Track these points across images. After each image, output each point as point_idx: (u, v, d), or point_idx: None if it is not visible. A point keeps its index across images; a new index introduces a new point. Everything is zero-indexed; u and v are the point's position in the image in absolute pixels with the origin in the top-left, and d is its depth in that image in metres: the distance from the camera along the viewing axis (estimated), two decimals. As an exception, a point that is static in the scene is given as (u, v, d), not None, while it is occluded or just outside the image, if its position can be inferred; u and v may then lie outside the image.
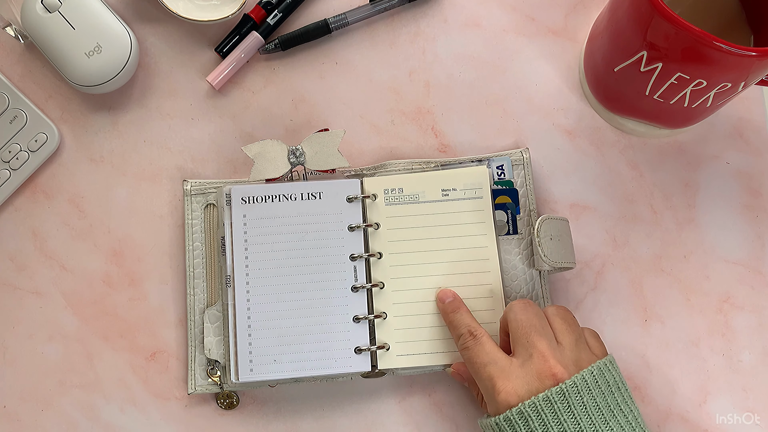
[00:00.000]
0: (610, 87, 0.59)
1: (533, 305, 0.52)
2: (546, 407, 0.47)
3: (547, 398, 0.47)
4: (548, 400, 0.47)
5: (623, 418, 0.48)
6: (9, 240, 0.61)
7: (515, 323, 0.51)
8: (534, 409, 0.47)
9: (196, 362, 0.58)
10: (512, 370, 0.49)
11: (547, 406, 0.47)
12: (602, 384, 0.49)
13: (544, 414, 0.47)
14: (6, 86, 0.61)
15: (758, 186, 0.62)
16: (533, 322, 0.51)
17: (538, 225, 0.55)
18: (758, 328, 0.60)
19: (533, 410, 0.47)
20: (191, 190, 0.60)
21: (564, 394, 0.47)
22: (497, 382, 0.49)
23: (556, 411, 0.47)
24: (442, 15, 0.64)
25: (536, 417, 0.47)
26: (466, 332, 0.53)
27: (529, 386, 0.48)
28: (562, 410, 0.47)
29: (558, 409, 0.47)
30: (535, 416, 0.47)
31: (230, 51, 0.62)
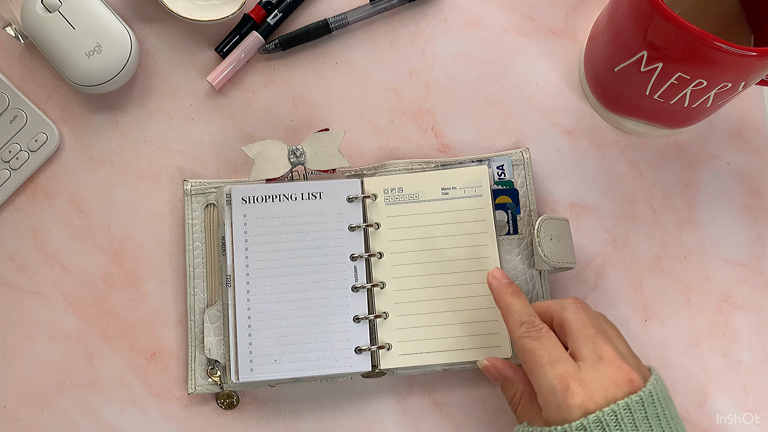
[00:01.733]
0: (610, 87, 0.59)
1: (589, 306, 0.49)
2: (626, 416, 0.43)
3: (627, 406, 0.43)
4: (628, 409, 0.43)
5: (682, 429, 0.46)
6: (9, 240, 0.61)
7: (578, 323, 0.47)
8: (613, 418, 0.43)
9: (196, 362, 0.58)
10: (586, 373, 0.45)
11: (627, 415, 0.43)
12: (666, 394, 0.46)
13: (623, 423, 0.43)
14: (6, 86, 0.61)
15: (758, 186, 0.62)
16: (598, 324, 0.48)
17: (539, 225, 0.55)
18: (758, 328, 0.60)
19: (612, 419, 0.43)
20: (191, 190, 0.60)
21: (642, 402, 0.44)
22: (572, 384, 0.44)
23: (635, 420, 0.43)
24: (442, 15, 0.64)
25: (614, 426, 0.43)
26: (530, 321, 0.48)
27: (606, 392, 0.44)
28: (639, 420, 0.43)
29: (636, 419, 0.43)
30: (613, 425, 0.43)
31: (230, 51, 0.62)
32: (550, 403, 0.45)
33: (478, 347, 0.56)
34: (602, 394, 0.44)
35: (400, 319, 0.57)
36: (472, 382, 0.59)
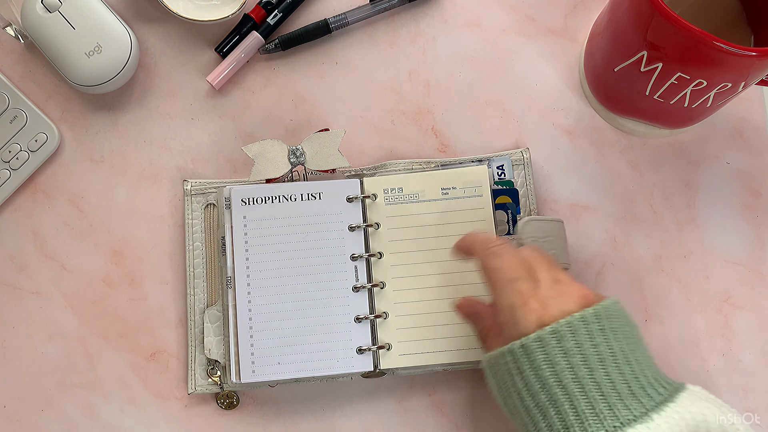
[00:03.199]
0: (610, 87, 0.59)
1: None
2: (581, 327, 0.44)
3: (583, 318, 0.44)
4: (584, 320, 0.44)
5: (643, 350, 0.46)
6: (9, 240, 0.61)
7: (531, 255, 0.49)
8: (569, 329, 0.44)
9: (196, 362, 0.58)
10: (544, 291, 0.46)
11: (582, 327, 0.44)
12: (623, 316, 0.47)
13: (578, 334, 0.44)
14: (6, 86, 0.61)
15: (758, 186, 0.62)
16: (546, 256, 0.49)
17: (521, 227, 0.54)
18: (758, 328, 0.60)
19: (568, 330, 0.44)
20: (191, 190, 0.60)
21: (598, 316, 0.45)
22: (530, 300, 0.46)
23: (591, 332, 0.44)
24: (442, 15, 0.64)
25: (570, 337, 0.44)
26: (492, 238, 0.50)
27: (562, 306, 0.45)
28: (595, 332, 0.44)
29: (592, 331, 0.44)
30: (569, 336, 0.44)
31: (230, 51, 0.62)
32: (508, 320, 0.46)
33: (477, 347, 0.56)
34: (558, 308, 0.45)
35: (399, 320, 0.57)
36: (472, 382, 0.59)
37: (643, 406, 0.43)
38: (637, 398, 0.44)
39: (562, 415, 0.44)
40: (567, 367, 0.44)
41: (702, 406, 0.44)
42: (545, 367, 0.44)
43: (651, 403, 0.43)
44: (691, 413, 0.43)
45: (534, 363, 0.44)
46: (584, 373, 0.44)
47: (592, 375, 0.44)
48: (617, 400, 0.43)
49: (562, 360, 0.44)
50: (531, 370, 0.45)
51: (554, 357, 0.44)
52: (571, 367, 0.44)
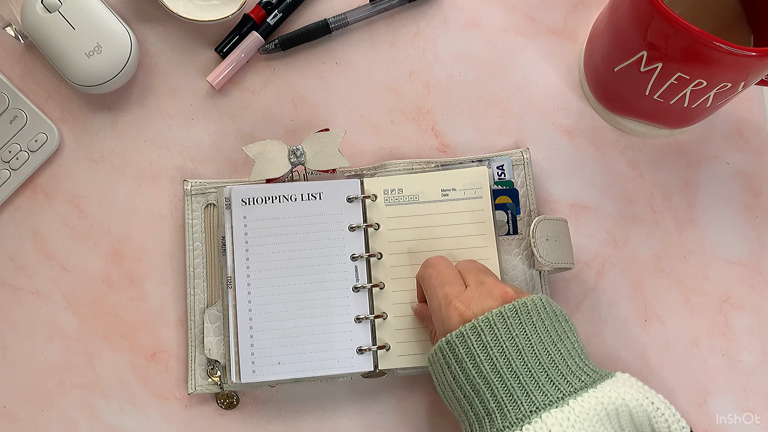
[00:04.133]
0: (610, 87, 0.59)
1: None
2: (499, 322, 0.47)
3: (501, 314, 0.47)
4: (501, 316, 0.47)
5: (569, 343, 0.48)
6: (9, 240, 0.61)
7: (464, 265, 0.53)
8: (487, 324, 0.47)
9: (196, 362, 0.58)
10: (469, 292, 0.49)
11: (500, 321, 0.47)
12: (549, 311, 0.49)
13: (497, 328, 0.46)
14: (6, 86, 0.61)
15: (758, 186, 0.62)
16: (486, 268, 0.53)
17: (534, 226, 0.55)
18: (758, 328, 0.60)
19: (486, 324, 0.47)
20: (191, 190, 0.60)
21: (516, 311, 0.47)
22: (454, 300, 0.49)
23: (509, 326, 0.47)
24: (442, 15, 0.64)
25: (489, 331, 0.46)
26: (432, 257, 0.53)
27: (482, 304, 0.48)
28: (514, 326, 0.47)
29: (510, 325, 0.47)
30: (487, 330, 0.46)
31: (230, 51, 0.62)
32: (437, 320, 0.50)
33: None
34: (479, 306, 0.48)
35: (399, 320, 0.57)
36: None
37: (561, 391, 0.45)
38: (556, 385, 0.45)
39: (484, 403, 0.46)
40: (486, 359, 0.46)
41: (623, 391, 0.44)
42: (467, 359, 0.47)
43: (569, 389, 0.45)
44: (610, 398, 0.44)
45: (458, 357, 0.47)
46: (502, 363, 0.46)
47: (510, 365, 0.46)
48: (534, 387, 0.45)
49: (482, 353, 0.46)
50: (456, 363, 0.47)
51: (474, 350, 0.46)
52: (490, 359, 0.46)
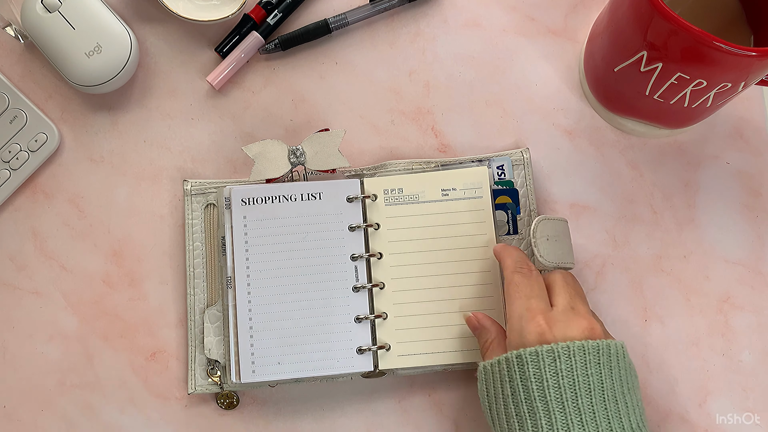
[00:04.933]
0: (610, 87, 0.59)
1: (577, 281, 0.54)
2: (578, 355, 0.46)
3: (582, 348, 0.46)
4: (582, 350, 0.46)
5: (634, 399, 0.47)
6: (9, 240, 0.61)
7: (565, 281, 0.51)
8: (566, 353, 0.46)
9: (196, 362, 0.58)
10: (556, 314, 0.48)
11: (580, 355, 0.46)
12: (626, 361, 0.48)
13: (574, 361, 0.46)
14: (6, 86, 0.61)
15: (758, 186, 0.62)
16: (582, 292, 0.52)
17: (534, 226, 0.55)
18: (758, 328, 0.60)
19: (565, 353, 0.46)
20: (191, 190, 0.60)
21: (598, 350, 0.46)
22: (538, 316, 0.48)
23: (587, 363, 0.46)
24: (442, 15, 0.64)
25: (565, 361, 0.46)
26: (524, 261, 0.52)
27: (566, 331, 0.47)
28: (591, 364, 0.46)
29: (589, 362, 0.46)
30: (564, 360, 0.46)
31: (230, 51, 0.62)
32: (514, 328, 0.49)
33: (476, 348, 0.56)
34: (563, 332, 0.47)
35: (399, 320, 0.57)
36: (472, 382, 0.59)
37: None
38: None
39: (537, 428, 0.45)
40: (554, 387, 0.46)
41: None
42: (534, 380, 0.46)
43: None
44: None
45: (524, 374, 0.46)
46: (569, 396, 0.45)
47: (576, 401, 0.45)
48: (593, 430, 0.45)
49: (551, 379, 0.46)
50: (521, 380, 0.46)
51: (545, 374, 0.46)
52: (558, 388, 0.45)
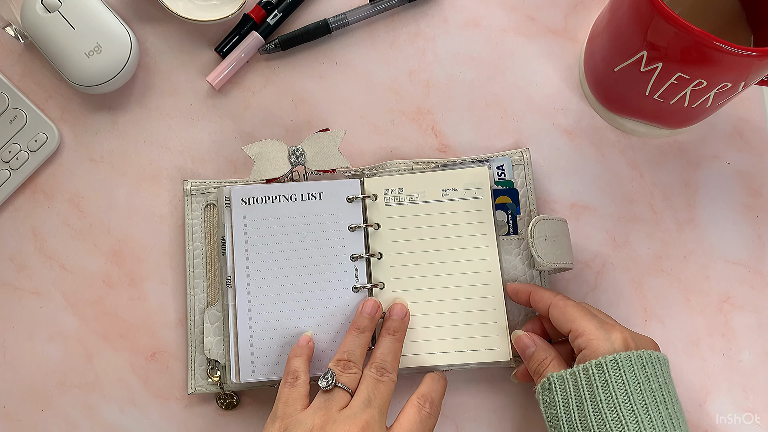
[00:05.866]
0: (610, 87, 0.59)
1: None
2: (660, 364, 0.49)
3: (659, 358, 0.49)
4: (658, 360, 0.49)
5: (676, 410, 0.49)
6: (9, 240, 0.61)
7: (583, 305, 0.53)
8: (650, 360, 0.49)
9: (196, 362, 0.58)
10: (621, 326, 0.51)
11: (661, 364, 0.49)
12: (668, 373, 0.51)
13: (658, 367, 0.49)
14: (6, 86, 0.61)
15: (758, 186, 0.62)
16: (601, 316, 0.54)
17: (532, 226, 0.55)
18: (758, 328, 0.60)
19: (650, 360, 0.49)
20: (191, 190, 0.60)
21: (667, 362, 0.50)
22: (617, 326, 0.50)
23: (662, 373, 0.49)
24: (442, 15, 0.64)
25: (651, 366, 0.48)
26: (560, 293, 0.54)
27: (640, 341, 0.50)
28: (665, 373, 0.49)
29: (663, 371, 0.49)
30: (650, 365, 0.48)
31: (230, 51, 0.62)
32: (597, 337, 0.49)
33: (476, 349, 0.56)
34: (641, 341, 0.51)
35: (400, 320, 0.57)
36: (472, 382, 0.59)
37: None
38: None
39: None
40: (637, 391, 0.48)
41: None
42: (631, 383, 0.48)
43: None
44: None
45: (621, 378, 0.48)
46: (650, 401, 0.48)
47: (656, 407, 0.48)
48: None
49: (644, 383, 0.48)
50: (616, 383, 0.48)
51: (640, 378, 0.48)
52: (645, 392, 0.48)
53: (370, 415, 0.48)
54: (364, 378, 0.51)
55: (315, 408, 0.49)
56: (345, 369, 0.51)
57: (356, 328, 0.54)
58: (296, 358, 0.53)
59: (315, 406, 0.49)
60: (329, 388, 0.50)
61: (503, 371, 0.59)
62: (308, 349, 0.54)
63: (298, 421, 0.48)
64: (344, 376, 0.51)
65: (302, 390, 0.51)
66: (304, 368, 0.53)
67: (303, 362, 0.53)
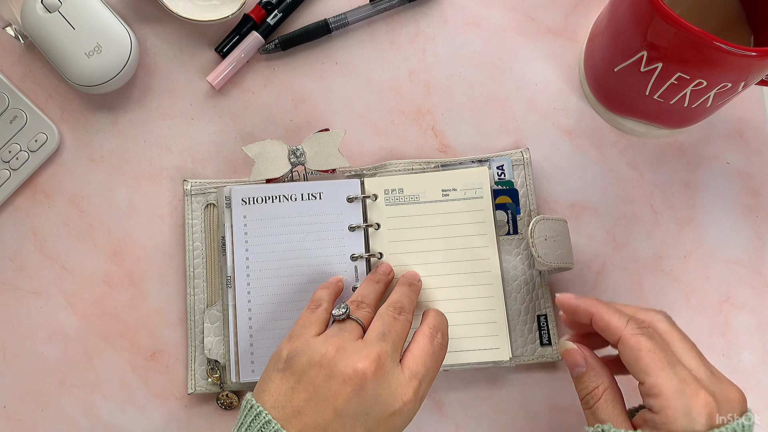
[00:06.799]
0: (610, 87, 0.59)
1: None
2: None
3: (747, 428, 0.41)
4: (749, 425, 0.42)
5: None
6: (9, 240, 0.61)
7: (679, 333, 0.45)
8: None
9: (196, 362, 0.58)
10: (707, 383, 0.42)
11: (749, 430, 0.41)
12: None
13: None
14: (6, 86, 0.61)
15: (758, 186, 0.62)
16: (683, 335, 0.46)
17: (532, 226, 0.55)
18: (758, 328, 0.60)
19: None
20: (191, 190, 0.60)
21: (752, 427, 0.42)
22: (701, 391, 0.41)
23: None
24: (442, 15, 0.64)
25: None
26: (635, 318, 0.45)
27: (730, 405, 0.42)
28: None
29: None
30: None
31: (230, 51, 0.62)
32: (674, 407, 0.41)
33: (477, 349, 0.56)
34: (727, 407, 0.42)
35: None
36: (472, 382, 0.59)
37: None
38: None
39: None
40: None
41: None
42: None
43: None
44: None
45: None
46: None
47: None
48: None
49: None
50: None
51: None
52: None
53: (383, 348, 0.46)
54: (379, 315, 0.49)
55: (327, 335, 0.47)
56: (359, 307, 0.50)
57: (371, 279, 0.54)
58: (323, 289, 0.52)
59: (328, 333, 0.48)
60: (342, 317, 0.48)
61: (503, 371, 0.59)
62: (336, 287, 0.54)
63: (309, 344, 0.47)
64: (358, 312, 0.50)
65: (321, 316, 0.50)
66: (329, 299, 0.51)
67: (329, 294, 0.52)
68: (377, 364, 0.45)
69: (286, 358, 0.47)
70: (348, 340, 0.47)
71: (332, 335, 0.47)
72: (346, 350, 0.46)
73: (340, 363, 0.45)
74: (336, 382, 0.45)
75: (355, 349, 0.46)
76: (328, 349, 0.46)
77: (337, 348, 0.46)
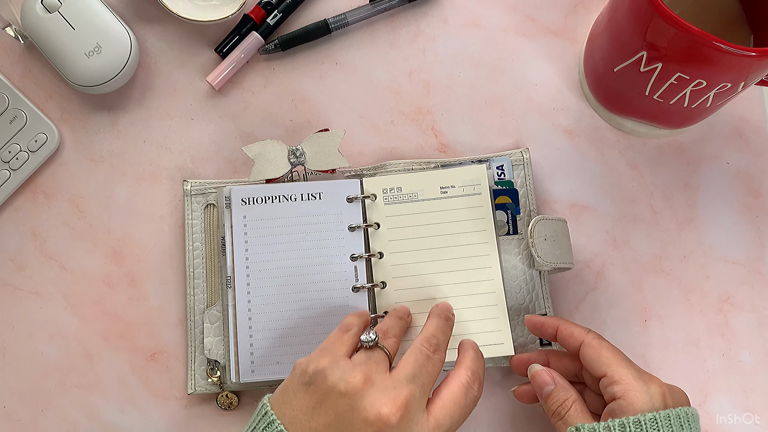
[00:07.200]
0: (610, 87, 0.59)
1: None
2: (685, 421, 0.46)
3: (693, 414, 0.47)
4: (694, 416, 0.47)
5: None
6: (9, 240, 0.61)
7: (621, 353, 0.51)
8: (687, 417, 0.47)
9: (196, 362, 0.58)
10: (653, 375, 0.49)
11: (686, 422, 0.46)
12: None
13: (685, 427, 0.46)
14: (6, 86, 0.61)
15: (758, 186, 0.62)
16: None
17: (532, 226, 0.55)
18: (758, 328, 0.60)
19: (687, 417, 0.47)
20: (191, 190, 0.60)
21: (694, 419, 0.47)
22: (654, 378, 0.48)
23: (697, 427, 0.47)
24: (442, 15, 0.64)
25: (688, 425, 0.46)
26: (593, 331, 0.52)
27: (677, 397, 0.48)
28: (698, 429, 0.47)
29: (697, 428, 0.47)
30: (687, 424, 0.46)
31: (230, 51, 0.62)
32: (636, 388, 0.47)
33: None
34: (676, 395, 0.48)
35: (399, 319, 0.57)
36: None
37: None
38: None
39: None
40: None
41: None
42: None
43: None
44: None
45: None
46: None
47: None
48: None
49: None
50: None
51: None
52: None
53: (412, 392, 0.45)
54: (414, 349, 0.48)
55: (356, 362, 0.46)
56: (386, 336, 0.50)
57: (396, 315, 0.54)
58: (354, 317, 0.51)
59: (356, 360, 0.46)
60: (372, 344, 0.47)
61: (503, 371, 0.59)
62: (366, 316, 0.52)
63: (338, 365, 0.45)
64: (386, 341, 0.49)
65: (352, 339, 0.48)
66: (359, 326, 0.50)
67: (360, 321, 0.50)
68: (404, 411, 0.44)
69: (313, 372, 0.46)
70: (376, 372, 0.46)
71: (360, 362, 0.46)
72: (373, 384, 0.45)
73: (366, 398, 0.44)
74: (358, 418, 0.44)
75: (383, 388, 0.45)
76: (357, 376, 0.45)
77: (365, 378, 0.45)
